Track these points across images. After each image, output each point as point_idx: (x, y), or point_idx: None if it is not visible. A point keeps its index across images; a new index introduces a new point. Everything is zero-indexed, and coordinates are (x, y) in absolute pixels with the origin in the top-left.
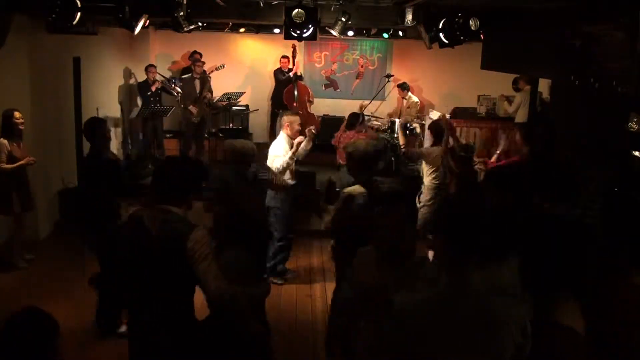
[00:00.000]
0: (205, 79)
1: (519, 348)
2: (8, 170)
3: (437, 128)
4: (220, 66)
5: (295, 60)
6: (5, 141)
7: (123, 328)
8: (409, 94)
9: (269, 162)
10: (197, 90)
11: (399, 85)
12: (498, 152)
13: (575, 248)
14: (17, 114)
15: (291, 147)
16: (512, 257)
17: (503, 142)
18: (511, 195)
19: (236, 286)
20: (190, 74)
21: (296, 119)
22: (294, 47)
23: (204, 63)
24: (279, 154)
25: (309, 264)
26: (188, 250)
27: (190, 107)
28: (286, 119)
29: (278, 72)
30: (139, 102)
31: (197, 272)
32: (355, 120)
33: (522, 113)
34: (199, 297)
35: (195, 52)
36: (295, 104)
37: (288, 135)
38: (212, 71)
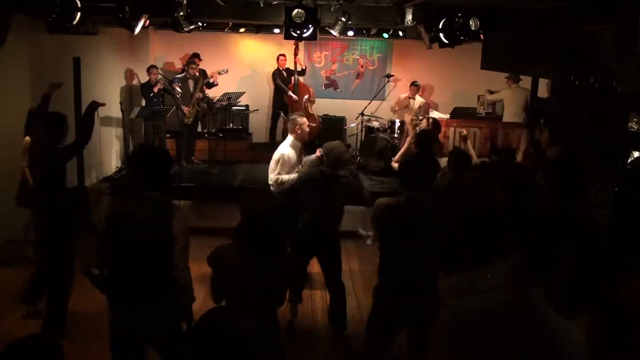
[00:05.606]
0: (197, 80)
1: None
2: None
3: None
4: (223, 71)
5: (297, 58)
6: (30, 139)
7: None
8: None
9: (271, 166)
10: (191, 91)
11: (412, 84)
12: (522, 149)
13: (586, 246)
14: None
15: (299, 153)
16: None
17: (524, 141)
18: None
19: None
20: (184, 74)
21: (304, 121)
22: (296, 44)
23: (197, 66)
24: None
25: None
26: (173, 231)
27: (183, 108)
28: (298, 121)
29: (275, 75)
30: (143, 102)
31: (174, 253)
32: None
33: (510, 112)
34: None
35: (194, 54)
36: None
37: (296, 139)
38: (213, 76)
